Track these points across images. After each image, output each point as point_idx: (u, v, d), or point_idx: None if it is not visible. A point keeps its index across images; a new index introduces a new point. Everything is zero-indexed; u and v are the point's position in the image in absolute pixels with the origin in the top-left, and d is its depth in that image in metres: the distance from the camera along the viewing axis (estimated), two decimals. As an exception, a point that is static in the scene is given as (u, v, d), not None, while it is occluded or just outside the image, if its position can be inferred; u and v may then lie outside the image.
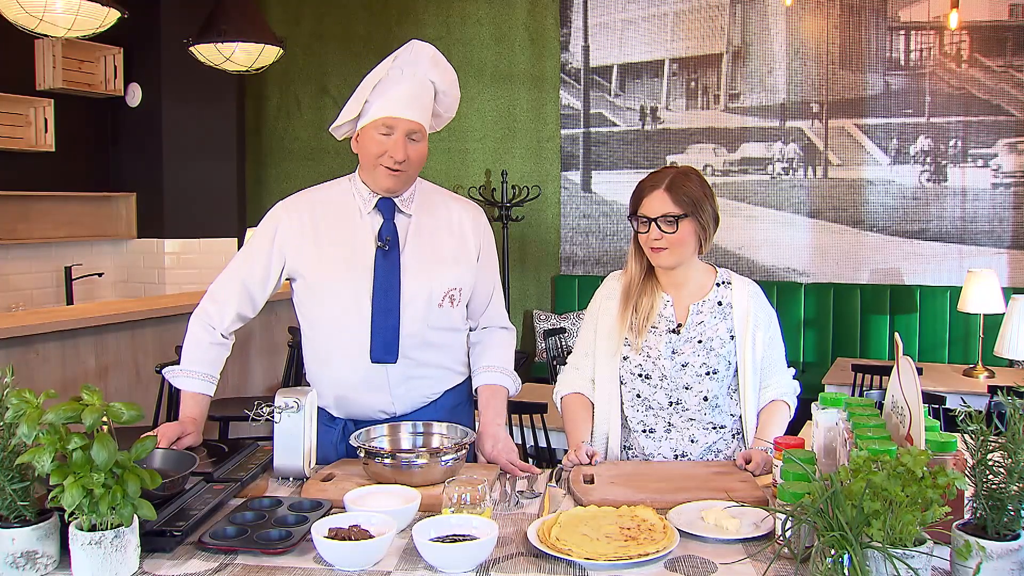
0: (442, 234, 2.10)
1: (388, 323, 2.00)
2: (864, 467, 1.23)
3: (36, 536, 1.39)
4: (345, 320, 2.02)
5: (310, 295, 2.06)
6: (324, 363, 2.08)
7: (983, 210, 5.44)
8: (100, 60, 6.00)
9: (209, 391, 2.08)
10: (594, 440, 2.13)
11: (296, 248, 2.05)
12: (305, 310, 2.10)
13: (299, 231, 2.04)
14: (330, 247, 2.04)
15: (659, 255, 2.04)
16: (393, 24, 6.75)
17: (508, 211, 6.34)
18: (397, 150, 1.97)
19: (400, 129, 1.97)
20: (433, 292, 2.04)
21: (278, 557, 1.47)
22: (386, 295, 2.00)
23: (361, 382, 2.04)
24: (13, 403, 1.39)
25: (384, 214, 2.05)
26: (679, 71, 6.10)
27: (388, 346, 2.01)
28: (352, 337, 2.02)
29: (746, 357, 2.08)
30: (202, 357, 2.07)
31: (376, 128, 1.98)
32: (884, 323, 5.62)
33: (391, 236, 2.03)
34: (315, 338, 2.10)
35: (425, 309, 2.04)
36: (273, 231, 2.06)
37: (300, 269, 2.05)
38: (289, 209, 2.08)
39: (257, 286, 2.08)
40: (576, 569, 1.43)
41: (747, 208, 5.97)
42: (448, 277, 2.07)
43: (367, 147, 2.00)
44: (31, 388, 1.41)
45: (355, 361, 2.02)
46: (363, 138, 2.02)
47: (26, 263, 5.78)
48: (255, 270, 2.07)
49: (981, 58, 5.39)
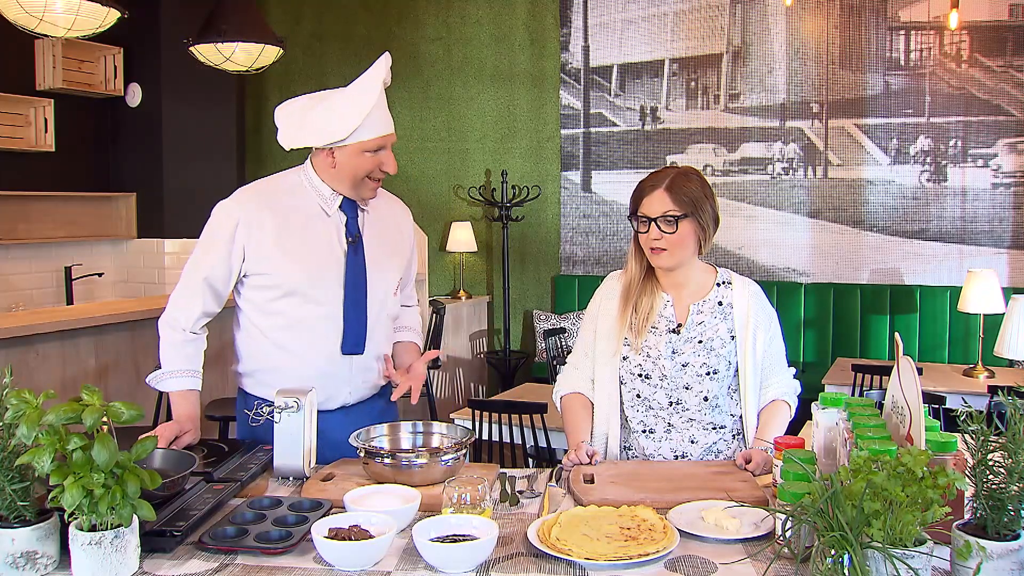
0: (389, 229, 2.22)
1: (358, 316, 2.09)
2: (864, 467, 1.23)
3: (36, 536, 1.39)
4: (317, 315, 2.07)
5: (273, 291, 2.07)
6: (286, 354, 2.09)
7: (983, 210, 5.44)
8: (100, 60, 6.00)
9: (196, 386, 2.11)
10: (594, 440, 2.13)
11: (257, 246, 2.05)
12: (265, 306, 2.09)
13: (260, 229, 2.05)
14: (296, 245, 2.07)
15: (659, 256, 2.04)
16: (393, 24, 6.75)
17: (508, 211, 6.34)
18: (391, 164, 2.08)
19: (389, 144, 2.08)
20: (390, 280, 2.17)
21: (278, 557, 1.47)
22: (356, 289, 2.09)
23: (323, 375, 2.08)
24: (13, 403, 1.39)
25: (347, 212, 2.12)
26: (679, 71, 6.10)
27: (358, 338, 2.10)
28: (324, 331, 2.07)
29: (746, 357, 2.08)
30: (179, 355, 2.10)
31: (367, 148, 2.03)
32: (884, 323, 5.62)
33: (358, 233, 2.12)
34: (276, 331, 2.09)
35: (384, 300, 2.16)
36: (232, 228, 2.06)
37: (262, 267, 2.07)
38: (243, 206, 2.08)
39: (220, 282, 2.09)
40: (576, 569, 1.43)
41: (747, 208, 5.97)
42: (398, 267, 2.21)
43: (357, 164, 2.04)
44: (31, 388, 1.41)
45: (324, 354, 2.08)
46: (347, 155, 2.04)
47: (26, 263, 5.78)
48: (217, 268, 2.08)
49: (981, 58, 5.39)
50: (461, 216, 6.66)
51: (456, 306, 6.27)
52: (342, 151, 2.04)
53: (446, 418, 4.41)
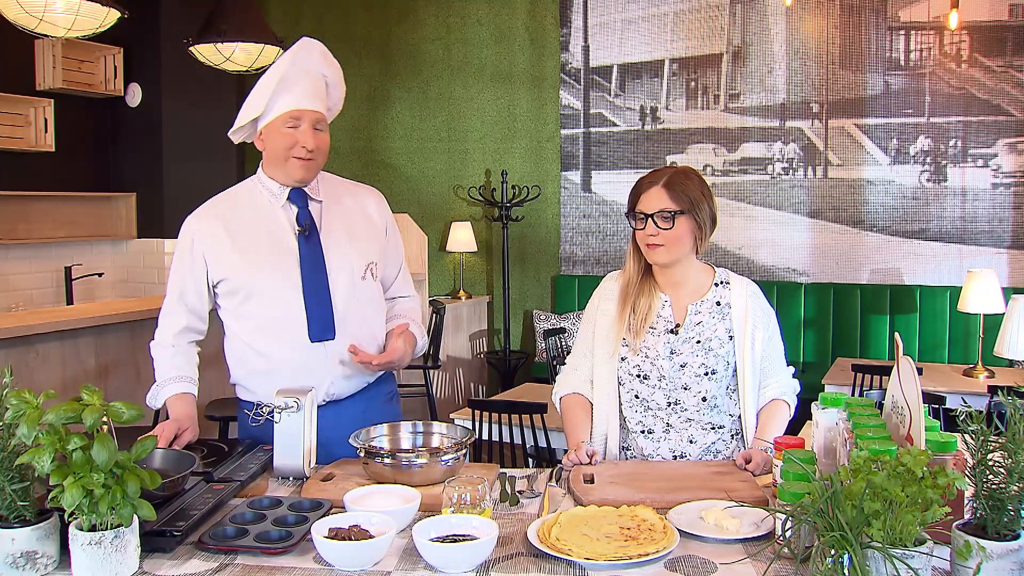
0: (352, 215, 2.23)
1: (321, 301, 2.10)
2: (864, 467, 1.23)
3: (36, 536, 1.39)
4: (280, 307, 2.09)
5: (239, 295, 2.11)
6: (261, 355, 2.11)
7: (983, 210, 5.44)
8: (100, 60, 5.99)
9: (190, 390, 2.14)
10: (593, 440, 2.13)
11: (215, 254, 2.12)
12: (236, 311, 2.14)
13: (214, 237, 2.12)
14: (250, 245, 2.11)
15: (654, 252, 2.04)
16: (393, 24, 6.75)
17: (508, 211, 6.34)
18: (307, 139, 2.07)
19: (306, 120, 2.09)
20: (355, 266, 2.17)
21: (278, 557, 1.47)
22: (314, 274, 2.10)
23: (301, 367, 2.09)
24: (13, 403, 1.39)
25: (297, 203, 2.15)
26: (679, 71, 6.10)
27: (325, 322, 2.10)
28: (289, 322, 2.09)
29: (745, 357, 2.08)
30: (170, 365, 2.16)
31: (283, 122, 2.08)
32: (884, 323, 5.62)
33: (309, 221, 2.13)
34: (249, 333, 2.13)
35: (351, 282, 2.15)
36: (190, 243, 2.15)
37: (224, 273, 2.12)
38: (200, 218, 2.17)
39: (192, 295, 2.17)
40: (576, 569, 1.43)
41: (747, 208, 5.97)
42: (365, 252, 2.20)
43: (276, 142, 2.09)
44: (31, 388, 1.41)
45: (294, 345, 2.09)
46: (269, 134, 2.10)
47: (26, 263, 5.78)
48: (186, 281, 2.16)
49: (981, 58, 5.39)
50: (461, 216, 6.66)
51: (456, 306, 6.27)
52: (266, 131, 2.10)
53: (446, 418, 4.41)
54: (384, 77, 6.79)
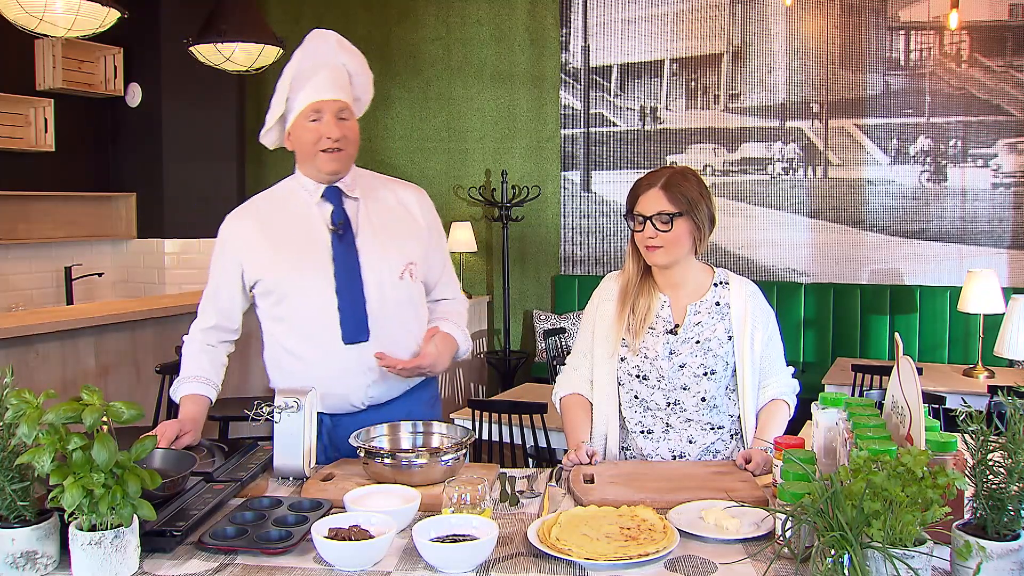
0: (391, 213, 2.18)
1: (355, 301, 2.06)
2: (864, 467, 1.23)
3: (36, 536, 1.39)
4: (313, 308, 2.06)
5: (274, 295, 2.09)
6: (297, 358, 2.09)
7: (983, 210, 5.44)
8: (100, 60, 6.00)
9: (206, 392, 2.10)
10: (593, 441, 2.12)
11: (250, 255, 2.09)
12: (270, 311, 2.12)
13: (249, 237, 2.10)
14: (285, 244, 2.09)
15: (653, 253, 2.04)
16: (393, 24, 6.75)
17: (508, 211, 6.34)
18: (331, 129, 2.04)
19: (328, 110, 2.05)
20: (392, 265, 2.11)
21: (278, 557, 1.47)
22: (348, 275, 2.06)
23: (336, 369, 2.07)
24: (13, 403, 1.39)
25: (332, 201, 2.11)
26: (679, 71, 6.10)
27: (359, 324, 2.06)
28: (323, 324, 2.06)
29: (744, 357, 2.08)
30: (195, 364, 2.13)
31: (306, 117, 2.05)
32: (884, 323, 5.62)
33: (343, 219, 2.09)
34: (284, 335, 2.11)
35: (388, 284, 2.10)
36: (224, 244, 2.13)
37: (258, 274, 2.09)
38: (236, 218, 2.15)
39: (225, 300, 2.15)
40: (576, 569, 1.43)
41: (747, 208, 5.97)
42: (403, 251, 2.14)
43: (302, 139, 2.07)
44: (31, 388, 1.41)
45: (328, 348, 2.06)
46: (296, 133, 2.08)
47: (26, 263, 5.78)
48: (220, 285, 2.14)
49: (981, 58, 5.39)
50: (461, 216, 6.66)
51: (456, 306, 6.26)
52: (293, 130, 2.08)
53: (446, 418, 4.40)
54: (384, 77, 6.78)
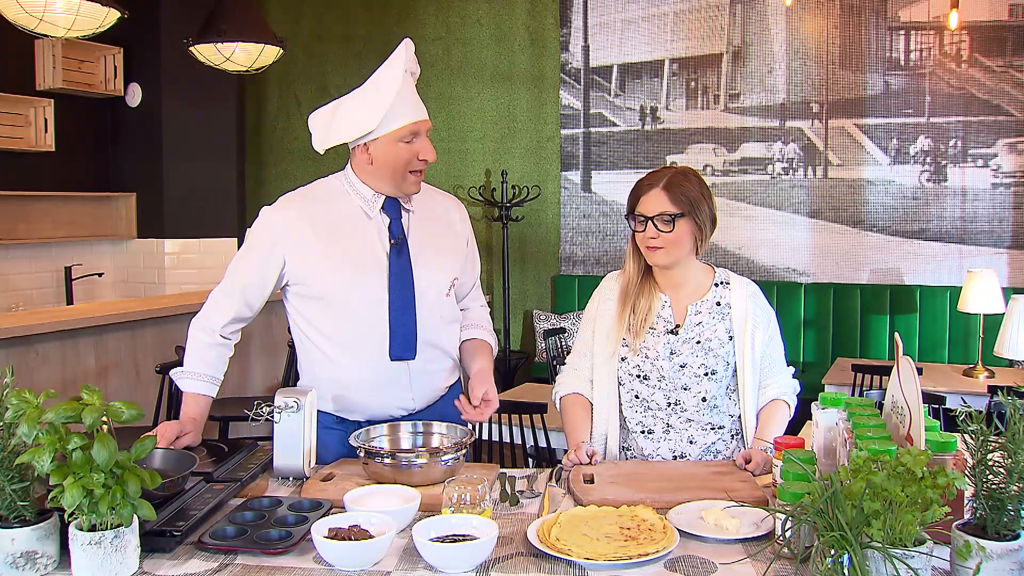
0: (437, 226, 2.14)
1: (406, 320, 2.02)
2: (864, 467, 1.23)
3: (36, 536, 1.39)
4: (362, 323, 2.01)
5: (318, 300, 2.04)
6: (336, 366, 2.06)
7: (983, 210, 5.44)
8: (100, 60, 6.00)
9: (210, 392, 2.08)
10: (593, 441, 2.12)
11: (298, 254, 2.02)
12: (310, 315, 2.07)
13: (298, 237, 2.02)
14: (339, 252, 2.02)
15: (654, 254, 2.04)
16: (393, 24, 6.75)
17: (508, 211, 6.34)
18: (429, 152, 2.00)
19: (423, 131, 2.01)
20: (441, 284, 2.08)
21: (278, 557, 1.47)
22: (402, 292, 2.02)
23: (379, 381, 2.04)
24: (13, 403, 1.39)
25: (391, 214, 2.06)
26: (679, 71, 6.10)
27: (407, 342, 2.03)
28: (370, 337, 2.02)
29: (745, 358, 2.08)
30: (202, 359, 2.07)
31: (400, 137, 1.97)
32: (884, 323, 5.62)
33: (401, 235, 2.04)
34: (324, 342, 2.06)
35: (436, 301, 2.07)
36: (271, 237, 2.03)
37: (303, 275, 2.03)
38: (285, 214, 2.05)
39: (253, 292, 2.07)
40: (576, 569, 1.43)
41: (747, 208, 5.97)
42: (450, 267, 2.12)
43: (394, 155, 1.98)
44: (31, 388, 1.41)
45: (373, 361, 2.02)
46: (382, 148, 1.98)
47: (26, 263, 5.78)
48: (251, 277, 2.06)
49: (981, 58, 5.39)
50: (461, 216, 6.65)
51: (456, 306, 6.27)
52: (376, 145, 1.98)
53: (446, 418, 4.40)
54: (384, 77, 6.78)
